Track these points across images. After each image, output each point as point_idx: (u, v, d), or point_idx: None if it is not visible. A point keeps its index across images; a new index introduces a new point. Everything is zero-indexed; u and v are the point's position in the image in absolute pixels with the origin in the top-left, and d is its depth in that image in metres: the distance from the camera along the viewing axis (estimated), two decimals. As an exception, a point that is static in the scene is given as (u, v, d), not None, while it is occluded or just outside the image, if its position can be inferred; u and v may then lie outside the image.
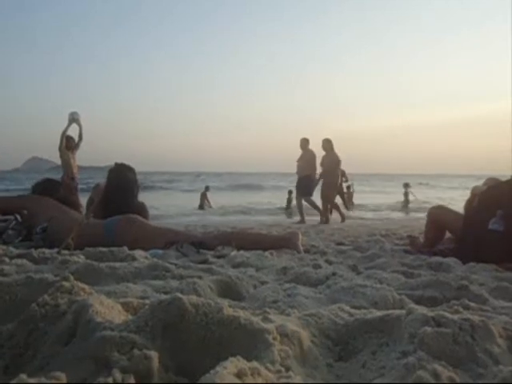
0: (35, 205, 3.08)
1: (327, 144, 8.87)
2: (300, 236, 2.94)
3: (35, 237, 2.84)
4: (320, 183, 8.89)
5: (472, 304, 1.20)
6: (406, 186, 17.36)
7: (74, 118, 7.50)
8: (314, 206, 8.86)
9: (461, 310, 1.08)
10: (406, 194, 17.09)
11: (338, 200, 9.80)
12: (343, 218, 8.96)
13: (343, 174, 11.79)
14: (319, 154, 8.94)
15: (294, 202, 9.67)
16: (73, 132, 7.77)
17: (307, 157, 8.82)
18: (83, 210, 3.45)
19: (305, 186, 8.76)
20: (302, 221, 8.68)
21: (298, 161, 8.95)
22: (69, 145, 7.67)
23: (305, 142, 8.91)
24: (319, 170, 8.89)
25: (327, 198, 8.82)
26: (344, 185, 12.02)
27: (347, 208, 11.97)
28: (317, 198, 8.91)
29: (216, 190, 24.02)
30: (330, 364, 0.86)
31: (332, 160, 8.77)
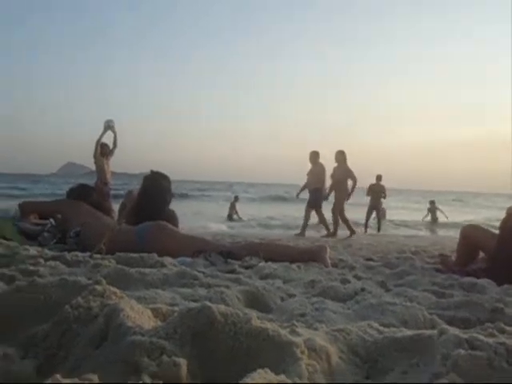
0: (70, 209, 3.17)
1: (340, 156, 8.79)
2: (328, 250, 2.92)
3: (69, 240, 2.92)
4: (331, 195, 8.81)
5: (507, 328, 1.15)
6: (432, 203, 17.00)
7: (109, 126, 7.73)
8: (322, 220, 8.79)
9: (496, 333, 1.04)
10: (432, 212, 16.70)
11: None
12: (352, 232, 8.72)
13: (383, 189, 11.56)
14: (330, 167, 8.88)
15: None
16: (108, 139, 7.99)
17: (316, 170, 8.75)
18: (115, 215, 3.53)
19: (315, 199, 8.68)
20: (302, 233, 8.56)
21: (307, 174, 8.90)
22: (103, 151, 7.88)
23: (314, 155, 8.83)
24: (329, 182, 8.81)
25: (339, 211, 8.71)
26: (382, 201, 11.76)
27: (379, 226, 11.70)
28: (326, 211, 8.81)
29: (248, 201, 24.04)
30: (357, 381, 0.84)
31: (343, 172, 8.67)
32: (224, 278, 1.93)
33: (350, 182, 8.81)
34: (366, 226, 11.52)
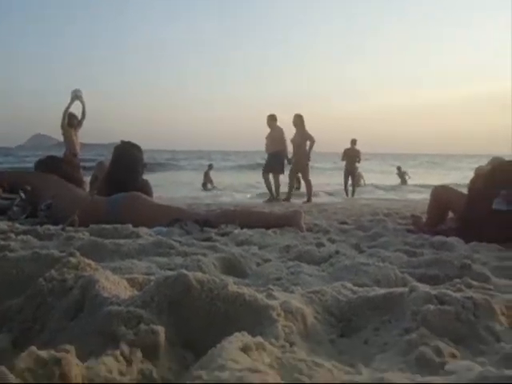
0: (40, 181, 3.09)
1: (298, 120, 8.58)
2: (303, 214, 2.95)
3: (40, 213, 2.86)
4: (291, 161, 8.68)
5: (474, 283, 1.21)
6: (399, 169, 17.46)
7: (76, 96, 7.47)
8: (268, 186, 8.68)
9: (463, 288, 1.08)
10: (401, 176, 17.17)
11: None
12: (309, 198, 8.62)
13: (358, 154, 11.60)
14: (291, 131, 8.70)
15: (303, 182, 9.56)
16: (76, 110, 7.74)
17: (274, 134, 8.59)
18: (87, 186, 3.46)
19: (273, 163, 8.54)
20: (272, 198, 8.47)
21: (266, 138, 8.73)
22: (71, 122, 7.65)
23: (271, 119, 8.65)
24: (290, 146, 8.68)
25: (303, 174, 8.66)
26: (357, 165, 11.84)
27: (353, 190, 11.80)
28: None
29: (226, 169, 23.78)
30: (332, 340, 0.87)
31: (302, 136, 8.52)
32: (200, 246, 1.94)
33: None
34: (346, 190, 11.66)
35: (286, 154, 8.71)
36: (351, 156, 11.53)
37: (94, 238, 1.85)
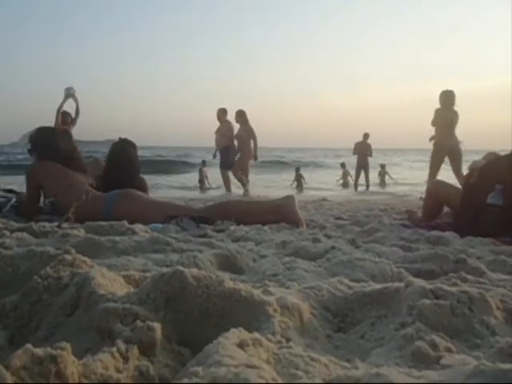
0: (43, 178, 3.02)
1: (239, 117, 8.38)
2: (296, 201, 2.89)
3: (44, 208, 2.86)
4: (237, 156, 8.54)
5: (470, 277, 1.21)
6: (382, 167, 17.10)
7: (69, 93, 7.41)
8: (238, 179, 8.59)
9: (459, 282, 1.09)
10: (381, 175, 16.73)
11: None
12: (246, 193, 8.46)
13: (369, 148, 11.51)
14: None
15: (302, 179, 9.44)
16: (69, 108, 7.68)
17: (222, 129, 8.44)
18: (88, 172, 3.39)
19: (226, 158, 8.46)
20: (246, 192, 8.34)
21: (215, 133, 8.59)
22: (64, 120, 7.60)
23: (221, 113, 8.48)
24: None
25: (243, 172, 8.51)
26: (369, 159, 11.71)
27: (367, 184, 11.64)
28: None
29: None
30: (329, 335, 0.87)
31: (245, 132, 8.38)
32: (196, 242, 1.93)
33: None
34: (355, 185, 11.57)
35: (234, 149, 8.54)
36: (363, 150, 11.45)
37: (90, 235, 1.84)
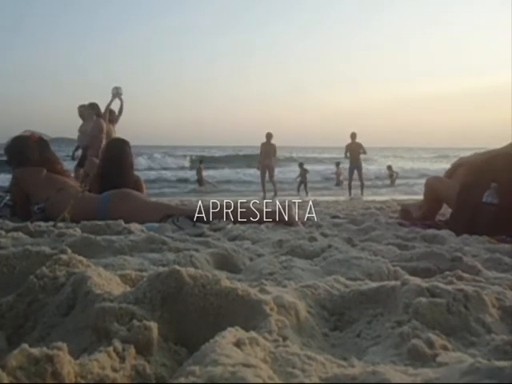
0: (30, 184, 3.00)
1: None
2: (296, 209, 2.92)
3: (34, 215, 2.83)
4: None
5: (465, 275, 1.21)
6: (389, 168, 17.26)
7: (118, 93, 7.63)
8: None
9: (454, 280, 1.09)
10: (390, 176, 16.96)
11: None
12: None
13: (361, 147, 11.31)
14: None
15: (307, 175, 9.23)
16: (114, 106, 7.75)
17: (86, 126, 7.83)
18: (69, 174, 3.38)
19: (83, 156, 7.85)
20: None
21: (78, 130, 8.06)
22: (111, 118, 7.76)
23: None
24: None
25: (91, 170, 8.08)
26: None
27: (362, 185, 11.40)
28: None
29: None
30: (325, 333, 0.88)
31: (95, 128, 7.65)
32: (193, 241, 1.93)
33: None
34: (349, 187, 11.31)
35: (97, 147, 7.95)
36: (354, 151, 11.21)
37: (86, 235, 1.83)
